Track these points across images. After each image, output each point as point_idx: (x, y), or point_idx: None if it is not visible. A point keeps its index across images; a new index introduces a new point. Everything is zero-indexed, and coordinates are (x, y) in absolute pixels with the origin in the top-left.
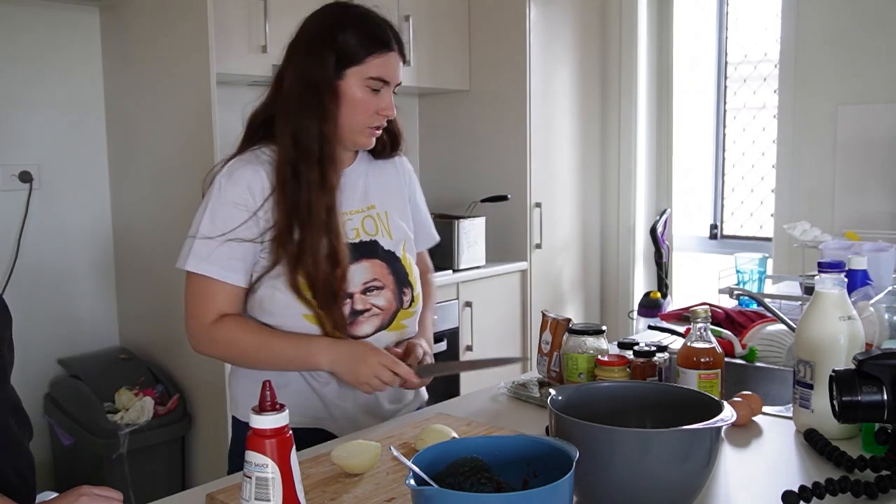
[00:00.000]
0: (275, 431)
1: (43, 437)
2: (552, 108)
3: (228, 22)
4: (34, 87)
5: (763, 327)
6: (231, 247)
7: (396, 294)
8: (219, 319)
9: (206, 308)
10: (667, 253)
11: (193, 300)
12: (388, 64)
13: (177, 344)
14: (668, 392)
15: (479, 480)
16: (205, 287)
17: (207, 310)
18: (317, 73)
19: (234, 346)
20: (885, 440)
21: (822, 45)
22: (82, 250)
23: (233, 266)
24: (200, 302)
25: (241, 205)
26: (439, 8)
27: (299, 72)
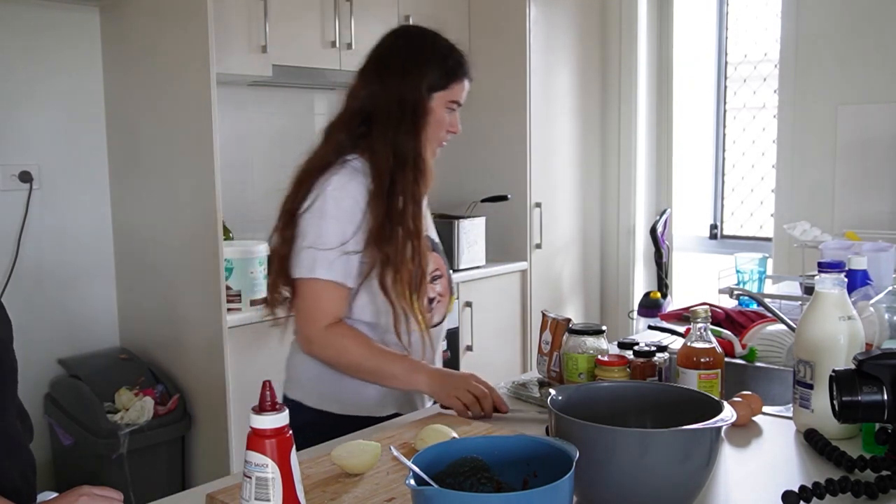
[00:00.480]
0: (275, 431)
1: (43, 437)
2: (552, 108)
3: (228, 22)
4: (34, 88)
5: (763, 327)
6: (347, 258)
7: (450, 281)
8: (334, 325)
9: (325, 311)
10: (667, 253)
11: (313, 303)
12: (465, 89)
13: (177, 344)
14: (668, 392)
15: (479, 480)
16: (324, 291)
17: (325, 313)
18: (410, 95)
19: (346, 353)
20: (885, 440)
21: (822, 45)
22: (82, 250)
23: (349, 273)
24: (319, 305)
25: (353, 218)
26: (439, 8)
27: (393, 91)
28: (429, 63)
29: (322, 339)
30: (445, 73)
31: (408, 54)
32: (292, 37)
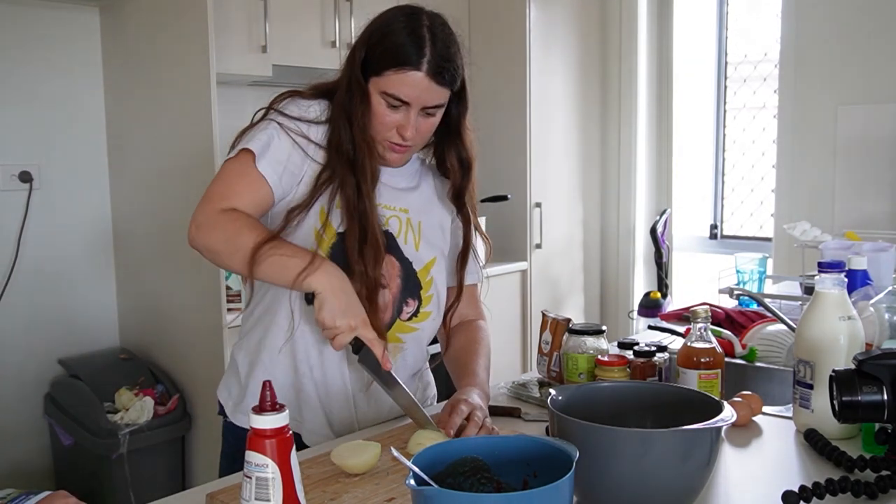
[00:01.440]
0: (275, 431)
1: (43, 437)
2: (552, 109)
3: (228, 22)
4: (34, 88)
5: (763, 327)
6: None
7: (396, 299)
8: (231, 209)
9: (226, 194)
10: (667, 253)
11: (219, 183)
12: (408, 83)
13: (177, 344)
14: (668, 392)
15: (479, 480)
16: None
17: (225, 196)
18: (350, 71)
19: (237, 234)
20: (885, 440)
21: (822, 45)
22: (82, 250)
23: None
24: (227, 186)
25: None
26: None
27: (344, 65)
28: (370, 41)
29: (212, 217)
30: (382, 55)
31: (365, 28)
32: (292, 37)
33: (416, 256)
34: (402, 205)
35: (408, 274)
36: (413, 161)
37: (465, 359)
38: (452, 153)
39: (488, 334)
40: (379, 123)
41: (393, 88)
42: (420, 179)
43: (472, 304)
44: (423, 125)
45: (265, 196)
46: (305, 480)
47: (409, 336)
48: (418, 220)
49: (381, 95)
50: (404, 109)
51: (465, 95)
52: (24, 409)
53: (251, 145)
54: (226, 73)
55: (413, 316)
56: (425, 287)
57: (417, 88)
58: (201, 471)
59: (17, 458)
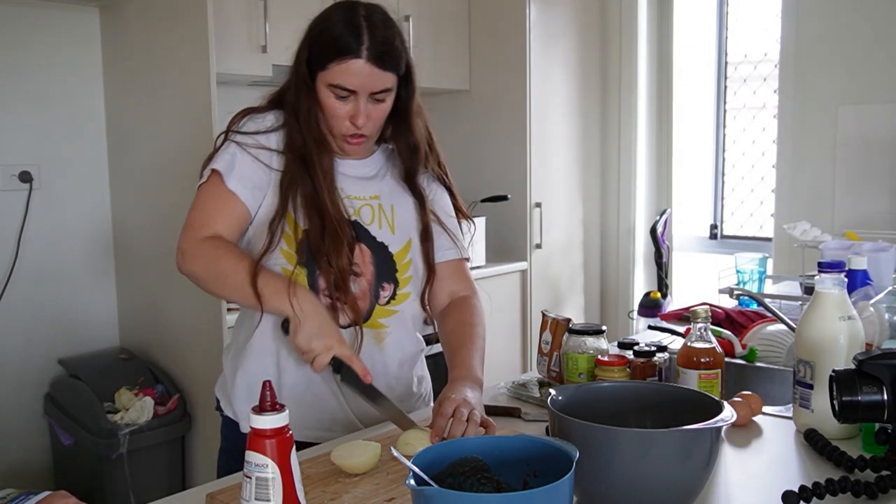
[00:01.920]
0: (275, 431)
1: (43, 437)
2: (552, 109)
3: (228, 22)
4: (34, 87)
5: (763, 327)
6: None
7: (372, 286)
8: (214, 237)
9: (204, 221)
10: (667, 253)
11: (197, 211)
12: (351, 71)
13: (177, 344)
14: (668, 392)
15: (479, 480)
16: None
17: (204, 224)
18: (296, 70)
19: (217, 262)
20: (885, 440)
21: (822, 45)
22: (82, 250)
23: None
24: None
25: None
26: (439, 8)
27: (292, 65)
28: (311, 38)
29: (196, 247)
30: (324, 49)
31: (308, 27)
32: (292, 37)
33: (392, 239)
34: (371, 192)
35: (381, 259)
36: (378, 153)
37: (457, 345)
38: (401, 137)
39: (481, 312)
40: (332, 116)
41: (338, 79)
42: (388, 169)
43: (461, 280)
44: (374, 112)
45: (241, 213)
46: (305, 480)
47: (390, 319)
48: (390, 203)
49: (328, 89)
50: (353, 98)
51: (411, 79)
52: (24, 409)
53: (216, 166)
54: (226, 73)
55: (391, 299)
56: (402, 269)
57: (360, 76)
58: (201, 471)
59: (17, 458)
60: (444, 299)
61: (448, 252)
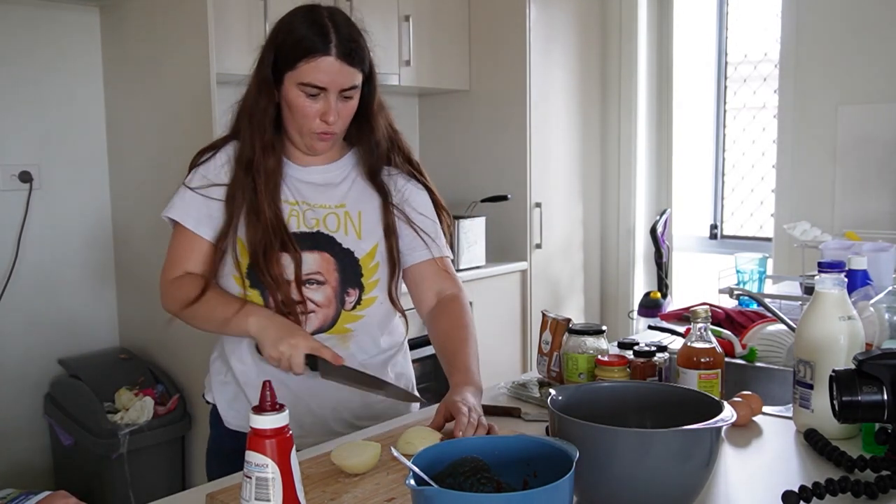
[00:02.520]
0: (275, 431)
1: (43, 437)
2: (552, 108)
3: (228, 22)
4: (34, 87)
5: (763, 327)
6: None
7: (337, 292)
8: (182, 276)
9: (177, 264)
10: (667, 253)
11: (167, 257)
12: (321, 69)
13: (177, 344)
14: (668, 392)
15: (479, 480)
16: (179, 240)
17: (174, 264)
18: (258, 73)
19: (187, 302)
20: (885, 440)
21: (822, 45)
22: (82, 250)
23: (205, 222)
24: (172, 252)
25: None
26: (439, 8)
27: (253, 70)
28: (277, 40)
29: (166, 290)
30: (291, 49)
31: (272, 29)
32: None
33: (357, 244)
34: (336, 201)
35: (345, 265)
36: (347, 157)
37: (453, 349)
38: (363, 136)
39: (468, 310)
40: (301, 116)
41: (308, 77)
42: (356, 174)
43: (445, 278)
44: (343, 109)
45: (207, 249)
46: (305, 480)
47: (356, 324)
48: (357, 210)
49: (298, 88)
50: (323, 96)
51: (373, 78)
52: (24, 409)
53: (173, 214)
54: (226, 73)
55: (357, 304)
56: (367, 273)
57: (330, 73)
58: (201, 471)
59: (17, 458)
60: (432, 299)
61: (421, 252)
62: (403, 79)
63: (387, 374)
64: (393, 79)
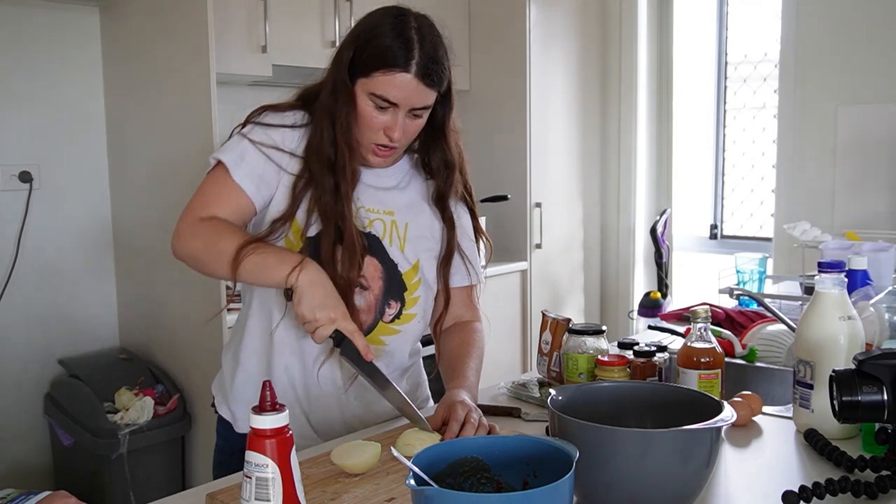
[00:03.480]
0: (275, 431)
1: (43, 437)
2: (552, 109)
3: (228, 22)
4: (34, 87)
5: (763, 327)
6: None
7: (379, 301)
8: (210, 217)
9: (207, 204)
10: (667, 253)
11: (198, 196)
12: (397, 85)
13: (177, 344)
14: (668, 392)
15: (479, 480)
16: (217, 184)
17: (206, 206)
18: (336, 73)
19: (215, 241)
20: (885, 440)
21: (822, 45)
22: (82, 250)
23: (254, 177)
24: (204, 198)
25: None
26: (439, 8)
27: (330, 66)
28: (358, 40)
29: (192, 227)
30: (371, 57)
31: (354, 28)
32: (292, 37)
33: (401, 258)
34: (386, 207)
35: (391, 276)
36: (403, 161)
37: (456, 360)
38: (437, 155)
39: (483, 337)
40: (366, 125)
41: (381, 90)
42: (410, 180)
43: (467, 306)
44: (409, 126)
45: (245, 205)
46: (305, 480)
47: (391, 338)
48: (405, 221)
49: (368, 97)
50: (392, 111)
51: (450, 96)
52: (24, 409)
53: (224, 158)
54: (226, 73)
55: (396, 318)
56: (410, 289)
57: (406, 90)
58: (201, 471)
59: (17, 458)
60: (448, 321)
61: (460, 278)
62: None
63: (402, 384)
64: None
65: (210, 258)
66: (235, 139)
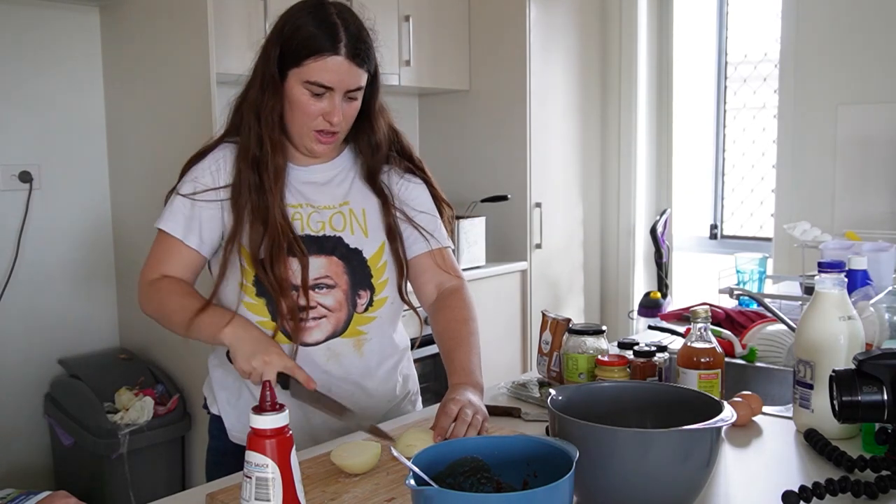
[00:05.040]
0: (275, 431)
1: (43, 437)
2: (552, 108)
3: (228, 22)
4: (34, 87)
5: (763, 327)
6: (193, 215)
7: (348, 295)
8: (161, 278)
9: (153, 265)
10: (667, 253)
11: (149, 255)
12: (329, 69)
13: (177, 344)
14: (668, 392)
15: (479, 480)
16: (161, 243)
17: (153, 267)
18: (262, 69)
19: (162, 305)
20: (885, 440)
21: (822, 45)
22: (82, 250)
23: (195, 232)
24: (152, 256)
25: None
26: (439, 8)
27: (255, 65)
28: (283, 34)
29: (144, 293)
30: (299, 45)
31: (276, 23)
32: None
33: (365, 242)
34: (340, 199)
35: (355, 267)
36: (345, 153)
37: (452, 346)
38: (363, 136)
39: (471, 302)
40: (304, 114)
41: (315, 76)
42: (355, 169)
43: (444, 269)
44: (347, 110)
45: (190, 257)
46: (305, 480)
47: (368, 326)
48: (361, 207)
49: (303, 86)
50: (328, 96)
51: (377, 79)
52: (24, 409)
53: (162, 225)
54: (226, 73)
55: (368, 306)
56: (377, 274)
57: (339, 72)
58: (201, 471)
59: (17, 458)
60: (432, 291)
61: (419, 245)
62: (403, 79)
63: (395, 378)
64: (393, 79)
65: (163, 321)
66: (169, 199)
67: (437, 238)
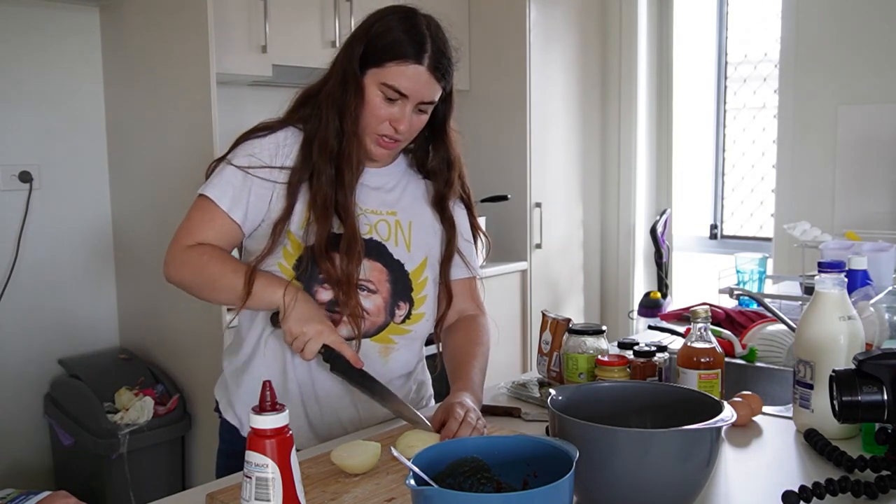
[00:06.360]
0: (275, 431)
1: (43, 437)
2: (552, 109)
3: (228, 22)
4: (34, 87)
5: (763, 327)
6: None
7: (388, 304)
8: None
9: (192, 231)
10: (667, 253)
11: (184, 222)
12: (408, 75)
13: (177, 344)
14: (668, 392)
15: (479, 480)
16: (201, 210)
17: (191, 233)
18: (345, 64)
19: (203, 269)
20: (885, 440)
21: (822, 45)
22: (82, 250)
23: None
24: (189, 224)
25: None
26: (439, 8)
27: (337, 59)
28: (370, 33)
29: (180, 256)
30: (385, 47)
31: (363, 21)
32: (292, 37)
33: (408, 257)
34: (389, 208)
35: (397, 277)
36: (399, 161)
37: (462, 359)
38: (437, 154)
39: (488, 331)
40: (372, 116)
41: (393, 80)
42: (408, 179)
43: (470, 299)
44: (414, 121)
45: (230, 229)
46: (305, 480)
47: (401, 337)
48: (408, 220)
49: (379, 87)
50: (401, 103)
51: (452, 96)
52: (24, 409)
53: (207, 191)
54: (226, 73)
55: (406, 318)
56: (417, 288)
57: (418, 82)
58: (201, 471)
59: (17, 458)
60: (452, 317)
61: (459, 271)
62: None
63: (410, 386)
64: None
65: (198, 285)
66: (219, 167)
67: (471, 268)
